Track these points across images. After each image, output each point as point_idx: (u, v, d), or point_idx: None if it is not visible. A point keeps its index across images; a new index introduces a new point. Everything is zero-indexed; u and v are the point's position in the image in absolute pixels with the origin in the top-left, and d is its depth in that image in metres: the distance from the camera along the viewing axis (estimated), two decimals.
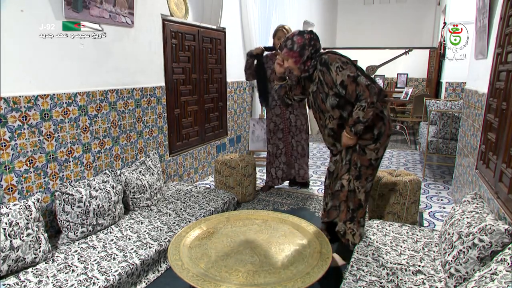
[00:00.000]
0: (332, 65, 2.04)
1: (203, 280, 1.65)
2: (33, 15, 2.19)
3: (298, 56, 2.08)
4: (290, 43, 2.09)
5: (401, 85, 8.89)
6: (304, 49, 2.08)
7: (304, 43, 2.07)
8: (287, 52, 2.09)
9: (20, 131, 2.18)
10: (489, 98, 2.47)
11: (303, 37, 2.07)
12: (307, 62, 2.11)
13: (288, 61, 2.12)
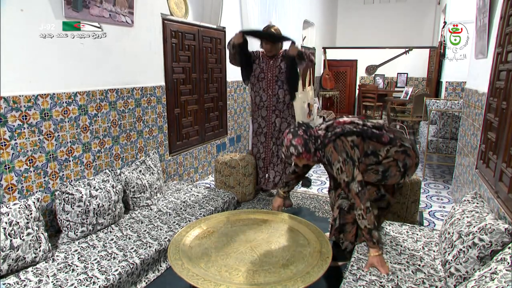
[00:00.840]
0: (334, 165, 2.04)
1: (203, 280, 1.65)
2: (33, 15, 2.19)
3: (308, 154, 2.09)
4: (293, 149, 2.07)
5: (401, 85, 8.89)
6: (308, 145, 2.07)
7: (304, 140, 2.06)
8: (297, 158, 2.11)
9: (20, 130, 2.18)
10: (489, 98, 2.47)
11: (299, 135, 2.06)
12: (317, 154, 2.12)
13: (302, 161, 2.16)
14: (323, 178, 4.48)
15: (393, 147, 2.10)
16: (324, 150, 2.08)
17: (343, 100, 9.80)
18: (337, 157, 2.00)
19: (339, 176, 2.02)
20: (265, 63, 3.38)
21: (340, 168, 1.99)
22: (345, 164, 1.98)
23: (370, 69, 9.46)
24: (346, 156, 1.99)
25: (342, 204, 2.05)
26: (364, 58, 9.43)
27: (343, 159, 1.99)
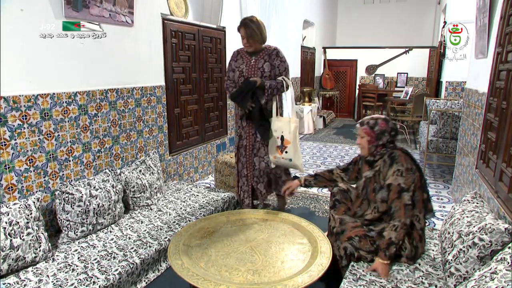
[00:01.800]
0: (396, 164, 1.98)
1: (203, 280, 1.65)
2: (33, 14, 2.19)
3: (375, 139, 2.06)
4: (373, 122, 2.07)
5: (401, 85, 8.89)
6: (383, 135, 2.05)
7: (385, 129, 2.05)
8: (366, 129, 2.07)
9: (20, 130, 2.18)
10: (489, 97, 2.47)
11: (388, 125, 2.06)
12: (379, 148, 2.07)
13: (363, 139, 2.10)
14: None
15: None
16: (390, 152, 2.02)
17: (343, 100, 9.80)
18: (403, 162, 1.96)
19: (394, 176, 1.95)
20: (246, 64, 2.93)
21: (401, 172, 1.94)
22: (408, 173, 1.94)
23: (370, 69, 9.46)
24: (409, 168, 1.96)
25: (347, 249, 1.96)
26: (364, 58, 9.43)
27: (408, 168, 1.95)
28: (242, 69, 2.92)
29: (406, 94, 7.88)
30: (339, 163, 5.27)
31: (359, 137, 2.13)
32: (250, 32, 2.83)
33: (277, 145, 2.83)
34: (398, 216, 1.92)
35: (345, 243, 1.98)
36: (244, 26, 2.84)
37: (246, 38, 2.85)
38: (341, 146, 6.40)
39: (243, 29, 2.85)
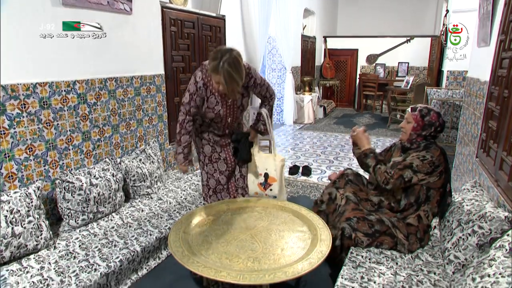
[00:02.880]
0: (425, 152, 1.99)
1: (203, 267, 1.66)
2: (30, 3, 2.16)
3: (420, 127, 2.04)
4: (426, 111, 2.05)
5: (402, 74, 8.83)
6: (430, 127, 2.04)
7: (434, 122, 2.03)
8: (417, 116, 2.05)
9: (19, 119, 2.17)
10: (491, 86, 2.46)
11: (438, 119, 2.05)
12: (419, 138, 2.06)
13: (409, 124, 2.08)
14: (323, 167, 4.49)
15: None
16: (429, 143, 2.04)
17: (343, 89, 9.76)
18: (434, 155, 1.97)
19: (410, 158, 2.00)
20: (221, 105, 2.28)
21: (423, 159, 1.96)
22: (430, 164, 1.96)
23: (371, 58, 9.39)
24: (436, 164, 1.97)
25: (345, 229, 2.01)
26: (365, 47, 9.35)
27: (434, 162, 1.97)
28: (219, 112, 2.29)
29: (407, 84, 7.84)
30: (339, 152, 5.27)
31: (405, 121, 2.11)
32: (232, 81, 2.07)
33: (259, 182, 2.65)
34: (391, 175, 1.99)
35: (343, 223, 2.01)
36: (226, 76, 2.04)
37: (224, 85, 2.09)
38: (341, 136, 6.39)
39: (221, 77, 2.06)
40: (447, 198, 2.07)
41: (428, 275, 1.74)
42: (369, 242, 1.97)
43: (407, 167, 1.98)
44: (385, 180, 2.01)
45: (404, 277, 1.71)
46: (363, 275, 1.73)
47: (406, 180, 1.98)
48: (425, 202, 2.02)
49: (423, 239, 2.00)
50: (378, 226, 1.98)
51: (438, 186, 2.01)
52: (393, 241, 1.96)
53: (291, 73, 7.04)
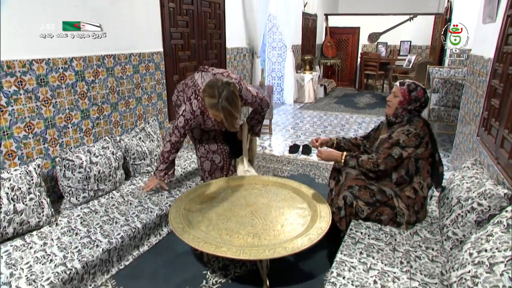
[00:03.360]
0: (409, 125, 2.01)
1: (204, 242, 1.68)
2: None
3: (406, 102, 2.06)
4: (414, 87, 2.06)
5: (404, 53, 8.70)
6: (416, 102, 2.05)
7: (420, 98, 2.05)
8: (404, 91, 2.06)
9: (17, 96, 2.15)
10: (495, 63, 2.42)
11: (424, 95, 2.06)
12: (404, 112, 2.08)
13: (396, 98, 2.09)
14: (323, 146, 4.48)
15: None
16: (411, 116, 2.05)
17: (344, 68, 9.64)
18: (418, 127, 1.99)
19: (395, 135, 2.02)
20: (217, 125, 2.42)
21: (408, 133, 1.98)
22: (415, 137, 1.98)
23: (373, 36, 9.23)
24: (421, 136, 1.99)
25: (347, 197, 2.02)
26: (366, 25, 9.18)
27: (419, 134, 1.98)
28: (215, 129, 2.50)
29: (409, 63, 7.74)
30: (339, 131, 5.26)
31: (392, 95, 2.12)
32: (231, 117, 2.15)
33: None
34: (378, 156, 2.00)
35: (345, 192, 2.03)
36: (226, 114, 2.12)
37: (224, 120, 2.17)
38: (341, 115, 6.36)
39: (221, 114, 2.14)
40: (438, 167, 2.09)
41: (426, 251, 1.76)
42: (369, 212, 2.00)
43: (394, 145, 2.00)
44: (374, 165, 2.01)
45: (402, 253, 1.73)
46: (362, 251, 1.75)
47: (396, 157, 1.99)
48: (416, 174, 2.05)
49: (419, 211, 2.03)
50: (379, 196, 2.00)
51: (426, 156, 2.04)
52: (392, 212, 1.99)
53: (291, 52, 6.94)
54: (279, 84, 7.49)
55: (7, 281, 1.60)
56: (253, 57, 5.37)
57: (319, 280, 1.94)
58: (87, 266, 1.79)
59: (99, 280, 1.88)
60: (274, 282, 1.88)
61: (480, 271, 1.30)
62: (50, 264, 1.72)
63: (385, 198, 2.00)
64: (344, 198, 2.02)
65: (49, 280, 1.62)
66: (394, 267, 1.62)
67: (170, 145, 2.39)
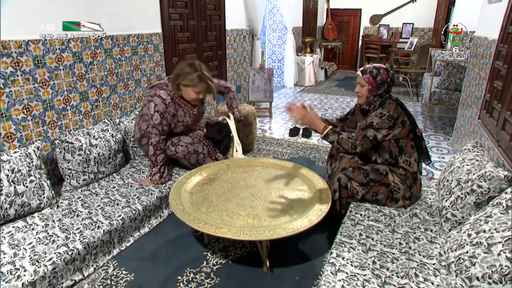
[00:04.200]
0: (381, 108, 2.01)
1: (204, 223, 1.69)
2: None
3: (375, 88, 2.06)
4: (376, 72, 2.06)
5: (406, 35, 8.57)
6: (383, 85, 2.06)
7: (386, 79, 2.05)
8: (368, 78, 2.06)
9: (14, 77, 2.12)
10: (499, 45, 2.38)
11: (388, 75, 2.06)
12: (376, 98, 2.09)
13: (363, 88, 2.09)
14: None
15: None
16: (383, 100, 2.06)
17: (345, 51, 9.53)
18: (391, 109, 1.99)
19: (369, 118, 2.03)
20: (189, 115, 2.54)
21: (381, 115, 1.99)
22: (389, 119, 1.99)
23: (375, 18, 9.08)
24: (394, 117, 2.00)
25: (341, 179, 2.03)
26: (368, 7, 9.02)
27: (392, 116, 1.99)
28: (187, 123, 2.54)
29: (410, 45, 7.63)
30: (340, 114, 5.22)
31: (358, 86, 2.13)
32: (212, 83, 2.45)
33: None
34: (356, 137, 2.02)
35: (339, 174, 2.06)
36: (209, 81, 2.41)
37: (203, 94, 2.47)
38: (342, 98, 6.32)
39: (203, 85, 2.40)
40: (421, 142, 2.11)
41: (425, 232, 1.77)
42: (364, 192, 2.03)
43: (368, 127, 2.02)
44: (352, 145, 2.03)
45: (401, 234, 1.75)
46: (361, 232, 1.76)
47: (371, 138, 2.01)
48: (401, 153, 2.07)
49: (413, 186, 2.06)
50: (373, 175, 2.03)
51: (405, 134, 2.05)
52: (387, 190, 2.02)
53: (292, 34, 6.84)
54: (279, 67, 7.41)
55: (11, 260, 1.62)
56: (253, 39, 5.30)
57: (319, 260, 1.97)
58: (88, 247, 1.80)
59: (101, 260, 1.90)
60: (274, 263, 1.91)
61: (478, 251, 1.31)
62: (53, 245, 1.74)
63: (379, 177, 2.03)
64: (339, 180, 2.04)
65: (52, 260, 1.64)
66: (393, 248, 1.63)
67: (153, 147, 2.39)
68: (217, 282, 1.80)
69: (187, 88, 2.41)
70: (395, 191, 2.01)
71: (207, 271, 1.88)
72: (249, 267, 1.91)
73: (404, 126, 2.03)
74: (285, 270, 1.88)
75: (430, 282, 1.41)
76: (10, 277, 1.52)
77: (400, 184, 2.01)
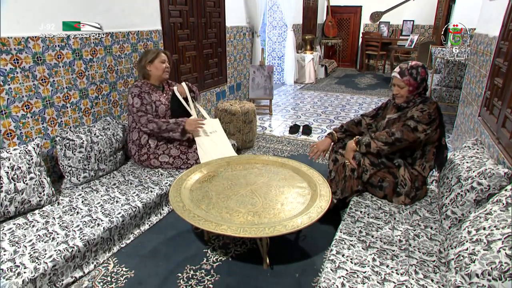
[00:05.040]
0: (423, 105, 2.00)
1: (204, 220, 1.69)
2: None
3: (416, 88, 2.04)
4: (415, 72, 2.02)
5: (406, 33, 8.56)
6: (423, 82, 2.05)
7: (425, 77, 2.05)
8: (409, 80, 2.02)
9: (13, 75, 2.12)
10: (500, 42, 2.37)
11: (426, 72, 2.05)
12: (416, 96, 2.06)
13: (403, 89, 2.05)
14: (323, 126, 4.47)
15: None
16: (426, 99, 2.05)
17: (345, 48, 9.51)
18: (431, 108, 1.99)
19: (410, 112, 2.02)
20: (163, 97, 2.67)
21: (422, 110, 1.98)
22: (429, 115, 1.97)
23: (375, 16, 9.05)
24: (433, 117, 1.99)
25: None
26: (369, 4, 8.99)
27: (431, 113, 1.98)
28: (165, 103, 2.67)
29: (411, 43, 7.62)
30: (340, 112, 5.23)
31: (397, 87, 2.08)
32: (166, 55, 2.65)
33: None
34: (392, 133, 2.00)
35: (333, 155, 2.14)
36: (161, 50, 2.64)
37: (168, 61, 2.65)
38: (342, 96, 6.31)
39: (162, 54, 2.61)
40: (443, 151, 2.12)
41: (425, 229, 1.78)
42: (372, 172, 2.05)
43: (408, 119, 2.01)
44: (389, 133, 2.01)
45: (401, 232, 1.75)
46: (361, 229, 1.76)
47: (412, 127, 1.99)
48: (421, 157, 2.08)
49: (419, 189, 2.06)
50: (386, 160, 2.06)
51: (435, 140, 2.06)
52: (394, 181, 2.03)
53: (292, 31, 6.82)
54: (279, 64, 7.40)
55: (11, 257, 1.62)
56: (253, 36, 5.29)
57: (319, 257, 1.97)
58: (88, 244, 1.81)
59: (101, 258, 1.91)
60: (274, 260, 1.91)
61: (478, 248, 1.31)
62: (53, 242, 1.74)
63: (391, 164, 2.05)
64: (334, 161, 2.13)
65: (52, 258, 1.64)
66: (393, 245, 1.63)
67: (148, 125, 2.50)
68: (217, 279, 1.80)
69: (153, 63, 2.57)
70: (400, 186, 2.03)
71: (207, 268, 1.88)
72: (249, 264, 1.91)
73: (436, 131, 2.04)
74: (285, 267, 1.89)
75: (430, 279, 1.42)
76: (10, 274, 1.52)
77: (409, 181, 2.02)
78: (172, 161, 2.59)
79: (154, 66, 2.58)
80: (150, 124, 2.50)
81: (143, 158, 2.59)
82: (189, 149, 2.64)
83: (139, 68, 2.62)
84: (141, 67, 2.60)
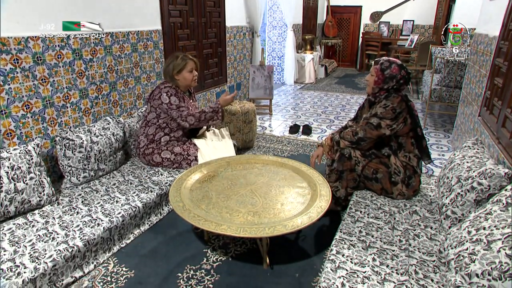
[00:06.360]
0: (386, 101, 2.04)
1: (204, 220, 1.69)
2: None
3: (381, 81, 2.07)
4: (387, 65, 2.07)
5: (406, 33, 8.56)
6: (391, 80, 2.06)
7: (395, 75, 2.05)
8: (377, 70, 2.08)
9: (13, 74, 2.11)
10: (500, 41, 2.37)
11: (400, 71, 2.06)
12: (382, 92, 2.09)
13: (372, 77, 2.11)
14: (323, 126, 4.47)
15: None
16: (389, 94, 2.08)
17: (345, 48, 9.51)
18: (395, 103, 2.02)
19: (373, 109, 2.08)
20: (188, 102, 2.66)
21: (385, 106, 2.02)
22: (393, 110, 2.01)
23: (375, 16, 9.05)
24: (397, 111, 2.02)
25: (344, 150, 2.08)
26: (369, 4, 8.99)
27: (396, 109, 2.01)
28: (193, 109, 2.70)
29: (411, 43, 7.62)
30: (340, 111, 5.23)
31: (369, 74, 2.16)
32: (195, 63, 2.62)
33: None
34: (356, 126, 2.10)
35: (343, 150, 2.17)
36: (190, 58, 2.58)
37: (196, 69, 2.62)
38: (342, 96, 6.31)
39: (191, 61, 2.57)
40: (421, 142, 2.13)
41: (425, 229, 1.77)
42: (365, 163, 2.09)
43: (372, 116, 2.06)
44: (353, 132, 2.09)
45: (401, 231, 1.75)
46: (361, 229, 1.76)
47: (375, 124, 2.04)
48: (400, 149, 2.11)
49: (412, 177, 2.08)
50: (375, 151, 2.10)
51: (406, 131, 2.08)
52: (387, 171, 2.06)
53: (292, 31, 6.82)
54: (279, 64, 7.40)
55: (11, 257, 1.62)
56: (253, 36, 5.28)
57: (319, 257, 1.97)
58: (88, 244, 1.81)
59: (101, 257, 1.91)
60: (274, 260, 1.91)
61: (478, 248, 1.31)
62: (53, 242, 1.74)
63: (380, 155, 2.10)
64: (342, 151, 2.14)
65: (52, 258, 1.64)
66: (393, 245, 1.63)
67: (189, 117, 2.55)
68: (217, 279, 1.80)
69: (181, 73, 2.55)
70: (395, 174, 2.05)
71: (207, 268, 1.88)
72: (249, 264, 1.92)
73: (405, 123, 2.05)
74: (285, 267, 1.89)
75: (430, 279, 1.42)
76: (10, 274, 1.52)
77: (401, 167, 2.06)
78: (173, 158, 2.59)
79: (182, 76, 2.56)
80: (189, 118, 2.55)
81: (148, 152, 2.59)
82: (191, 145, 2.64)
83: (166, 74, 2.58)
84: (169, 76, 2.56)
